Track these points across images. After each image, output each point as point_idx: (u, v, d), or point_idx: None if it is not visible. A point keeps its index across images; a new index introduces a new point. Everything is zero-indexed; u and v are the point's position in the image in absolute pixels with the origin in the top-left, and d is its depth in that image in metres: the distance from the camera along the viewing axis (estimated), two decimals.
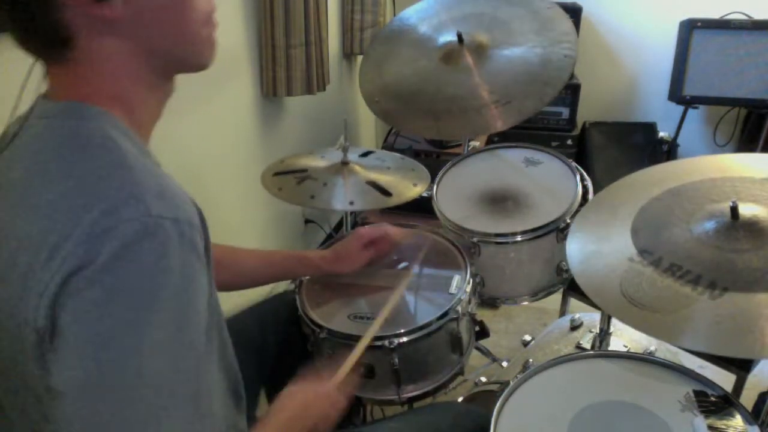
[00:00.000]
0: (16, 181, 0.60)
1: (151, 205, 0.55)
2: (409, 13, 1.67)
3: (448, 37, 1.54)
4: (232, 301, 1.22)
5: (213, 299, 0.66)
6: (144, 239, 0.53)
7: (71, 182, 0.56)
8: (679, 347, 0.98)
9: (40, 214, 0.55)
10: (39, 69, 0.64)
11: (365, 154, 1.57)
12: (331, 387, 0.90)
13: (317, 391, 0.88)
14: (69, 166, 0.57)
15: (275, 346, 1.18)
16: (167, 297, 0.55)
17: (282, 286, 2.12)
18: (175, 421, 0.55)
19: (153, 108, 0.68)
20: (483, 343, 1.58)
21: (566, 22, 1.49)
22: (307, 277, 1.23)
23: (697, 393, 0.90)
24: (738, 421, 0.85)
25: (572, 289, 1.41)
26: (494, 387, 1.29)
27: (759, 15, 2.40)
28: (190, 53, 0.67)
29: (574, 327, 1.35)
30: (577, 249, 1.01)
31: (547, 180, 1.41)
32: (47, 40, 0.60)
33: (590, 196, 1.35)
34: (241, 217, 1.88)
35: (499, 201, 1.39)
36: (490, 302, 1.41)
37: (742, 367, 1.17)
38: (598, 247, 0.99)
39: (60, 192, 0.56)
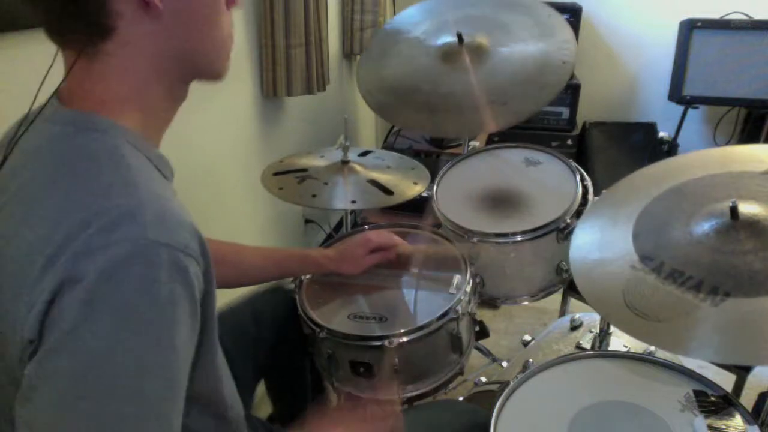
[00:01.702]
0: (24, 188, 0.59)
1: (148, 227, 0.54)
2: (411, 12, 1.67)
3: (448, 37, 1.54)
4: (226, 293, 1.22)
5: (209, 332, 0.65)
6: (134, 261, 0.52)
7: (75, 195, 0.56)
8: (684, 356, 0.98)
9: (42, 224, 0.55)
10: (54, 69, 0.64)
11: (364, 154, 1.57)
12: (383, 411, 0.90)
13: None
14: (76, 178, 0.57)
15: (271, 339, 1.18)
16: (149, 322, 0.54)
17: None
18: None
19: (167, 112, 0.68)
20: (483, 343, 1.58)
21: (566, 30, 1.49)
22: (308, 277, 1.23)
23: (697, 393, 0.90)
24: (738, 421, 0.85)
25: (572, 289, 1.41)
26: (494, 387, 1.29)
27: (759, 15, 2.40)
28: (214, 59, 0.68)
29: (574, 327, 1.35)
30: (579, 258, 1.01)
31: (547, 180, 1.41)
32: (90, 28, 0.59)
33: (590, 196, 1.35)
34: (242, 216, 1.88)
35: (499, 201, 1.39)
36: (490, 302, 1.41)
37: (742, 367, 1.17)
38: (601, 255, 0.99)
39: (63, 204, 0.55)
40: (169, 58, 0.63)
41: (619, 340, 1.27)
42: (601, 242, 1.02)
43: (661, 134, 2.73)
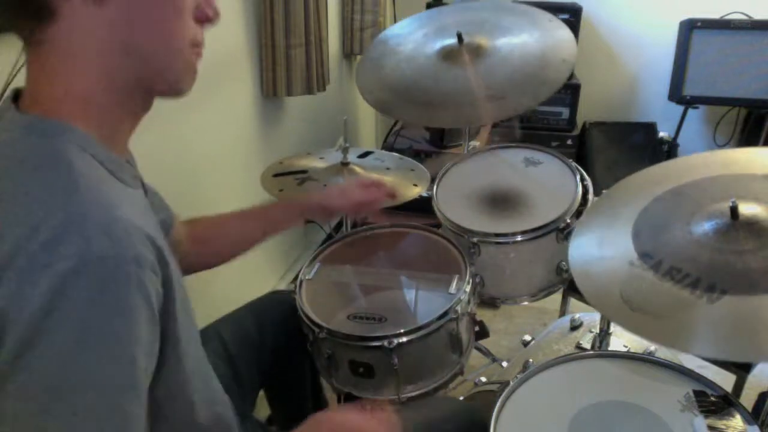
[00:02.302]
0: None
1: (92, 240, 0.52)
2: (409, 21, 1.68)
3: (448, 39, 1.54)
4: (230, 299, 1.22)
5: (181, 332, 0.63)
6: (79, 277, 0.51)
7: (17, 207, 0.54)
8: (679, 351, 0.98)
9: None
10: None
11: (364, 155, 1.57)
12: (375, 421, 0.79)
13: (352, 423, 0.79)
14: (18, 189, 0.55)
15: (273, 345, 1.18)
16: (102, 337, 0.53)
17: (283, 285, 2.12)
18: None
19: (125, 123, 0.66)
20: (483, 343, 1.58)
21: (566, 33, 1.50)
22: (307, 277, 1.23)
23: (697, 393, 0.90)
24: (738, 421, 0.85)
25: (572, 289, 1.41)
26: (494, 387, 1.29)
27: (759, 15, 2.40)
28: (168, 67, 0.65)
29: (574, 327, 1.35)
30: (578, 254, 1.01)
31: (547, 180, 1.41)
32: (32, 9, 0.57)
33: (590, 196, 1.35)
34: None
35: (499, 201, 1.39)
36: (490, 302, 1.41)
37: (742, 367, 1.17)
38: (600, 251, 0.99)
39: (5, 217, 0.54)
40: (118, 52, 0.61)
41: (619, 340, 1.27)
42: (600, 240, 1.02)
43: (661, 134, 2.73)
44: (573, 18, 2.53)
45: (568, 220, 1.28)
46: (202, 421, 0.73)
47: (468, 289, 1.16)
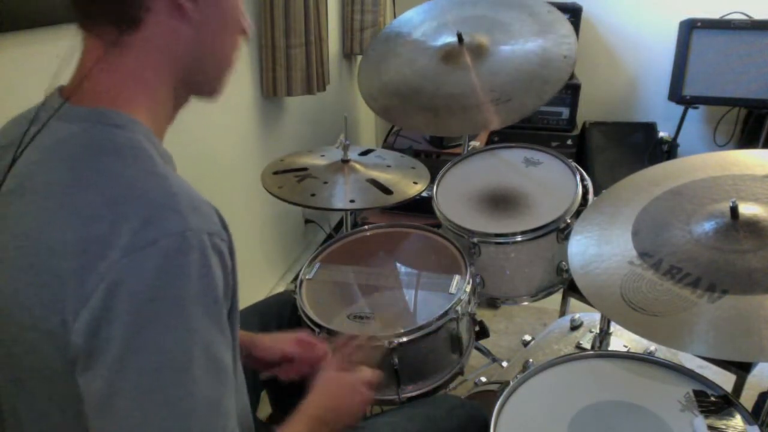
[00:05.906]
0: (47, 185, 0.58)
1: (188, 218, 0.55)
2: (409, 15, 1.68)
3: (448, 38, 1.54)
4: None
5: (236, 312, 0.66)
6: (187, 253, 0.54)
7: (109, 189, 0.56)
8: (679, 351, 0.98)
9: (76, 220, 0.55)
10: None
11: (365, 153, 1.57)
12: (359, 380, 0.90)
13: (347, 384, 0.89)
14: (105, 172, 0.57)
15: None
16: (212, 307, 0.56)
17: (282, 285, 2.12)
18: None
19: (169, 115, 0.70)
20: (483, 343, 1.58)
21: (566, 25, 1.49)
22: (308, 277, 1.23)
23: (697, 393, 0.90)
24: (738, 421, 0.85)
25: (572, 289, 1.41)
26: (494, 387, 1.29)
27: (759, 15, 2.40)
28: (220, 77, 0.71)
29: (574, 327, 1.35)
30: (578, 253, 1.01)
31: (547, 180, 1.41)
32: (120, 17, 0.60)
33: (590, 196, 1.35)
34: (242, 217, 1.87)
35: (499, 201, 1.39)
36: (490, 302, 1.41)
37: (742, 367, 1.17)
38: (599, 250, 0.99)
39: (97, 199, 0.55)
40: (184, 63, 0.65)
41: (619, 340, 1.27)
42: (600, 238, 1.02)
43: (661, 134, 2.73)
44: (573, 18, 2.53)
45: (568, 220, 1.28)
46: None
47: (468, 289, 1.16)
